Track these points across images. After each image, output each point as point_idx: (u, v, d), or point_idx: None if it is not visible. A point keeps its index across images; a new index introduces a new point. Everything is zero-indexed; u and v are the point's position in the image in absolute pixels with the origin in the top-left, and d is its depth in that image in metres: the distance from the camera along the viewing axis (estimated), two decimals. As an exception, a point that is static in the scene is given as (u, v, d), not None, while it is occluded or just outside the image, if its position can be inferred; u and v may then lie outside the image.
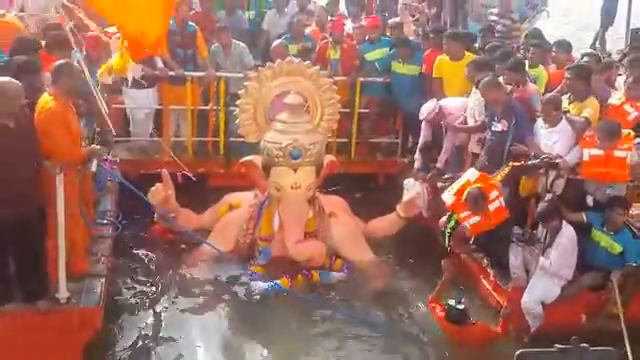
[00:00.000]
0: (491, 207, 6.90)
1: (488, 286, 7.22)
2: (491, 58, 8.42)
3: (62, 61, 6.23)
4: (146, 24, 6.62)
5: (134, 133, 9.64)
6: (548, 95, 7.28)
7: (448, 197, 7.16)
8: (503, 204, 6.92)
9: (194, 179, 8.94)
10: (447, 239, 7.24)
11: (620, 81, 8.35)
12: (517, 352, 3.61)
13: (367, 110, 9.82)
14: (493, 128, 7.29)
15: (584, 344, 3.53)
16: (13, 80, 5.74)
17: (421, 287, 7.57)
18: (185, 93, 9.28)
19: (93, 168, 6.48)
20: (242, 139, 8.13)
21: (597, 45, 15.21)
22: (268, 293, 7.27)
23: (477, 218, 6.96)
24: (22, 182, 5.72)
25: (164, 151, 9.43)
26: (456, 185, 7.17)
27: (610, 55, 14.91)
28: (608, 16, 15.11)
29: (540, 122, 7.15)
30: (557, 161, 6.75)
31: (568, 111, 7.15)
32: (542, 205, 6.63)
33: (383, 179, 10.18)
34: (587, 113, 7.06)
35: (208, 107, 9.57)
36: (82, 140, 6.60)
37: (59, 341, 6.08)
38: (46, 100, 5.96)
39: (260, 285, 7.33)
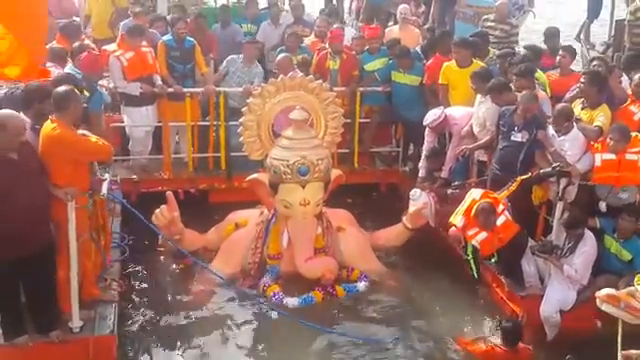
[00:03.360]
0: (498, 221, 6.90)
1: (502, 295, 7.18)
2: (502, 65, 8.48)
3: (65, 88, 6.13)
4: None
5: (134, 151, 9.53)
6: (559, 106, 7.24)
7: (458, 220, 7.12)
8: (510, 217, 6.91)
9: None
10: (474, 266, 7.19)
11: (625, 82, 8.36)
12: None
13: (368, 120, 9.77)
14: (512, 138, 7.24)
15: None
16: (15, 114, 5.66)
17: (433, 298, 7.54)
18: (184, 109, 9.19)
19: (104, 191, 6.41)
20: (243, 154, 8.04)
21: (582, 36, 15.22)
22: (301, 307, 7.20)
23: (484, 234, 6.93)
24: (31, 215, 5.63)
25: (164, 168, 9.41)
26: (462, 207, 7.14)
27: (594, 46, 15.00)
28: (596, 7, 15.12)
29: (552, 129, 7.13)
30: (568, 169, 6.74)
31: (580, 119, 7.12)
32: (570, 215, 6.62)
33: (385, 188, 10.14)
34: (600, 122, 7.04)
35: (208, 123, 9.47)
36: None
37: (73, 371, 6.02)
38: (50, 127, 5.85)
39: (292, 301, 7.24)
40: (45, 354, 5.93)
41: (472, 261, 7.27)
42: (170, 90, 9.12)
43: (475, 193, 7.18)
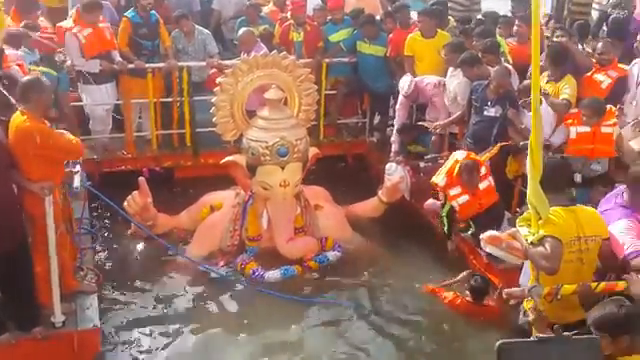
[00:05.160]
0: (481, 185, 6.98)
1: (480, 267, 7.28)
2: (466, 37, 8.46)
3: (30, 77, 5.82)
4: None
5: (94, 131, 9.20)
6: (525, 82, 7.26)
7: (440, 179, 7.18)
8: (492, 184, 6.99)
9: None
10: (446, 225, 7.28)
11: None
12: (497, 343, 3.66)
13: (334, 91, 9.68)
14: (485, 113, 7.29)
15: (566, 333, 3.59)
16: None
17: (409, 269, 7.60)
18: (146, 85, 8.91)
19: (77, 184, 6.20)
20: (209, 129, 7.91)
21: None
22: (284, 278, 7.21)
23: (466, 197, 7.01)
24: (1, 211, 5.39)
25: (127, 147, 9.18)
26: (445, 167, 7.20)
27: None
28: None
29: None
30: (547, 143, 6.82)
31: (548, 93, 7.19)
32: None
33: (352, 159, 10.14)
34: (566, 94, 7.12)
35: (171, 99, 9.22)
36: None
37: (59, 367, 5.86)
38: (20, 120, 5.55)
39: (273, 274, 7.21)
40: (29, 351, 5.73)
41: (445, 219, 7.37)
42: (131, 66, 8.82)
43: (458, 154, 7.22)
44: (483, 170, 7.01)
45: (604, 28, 12.26)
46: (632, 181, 4.82)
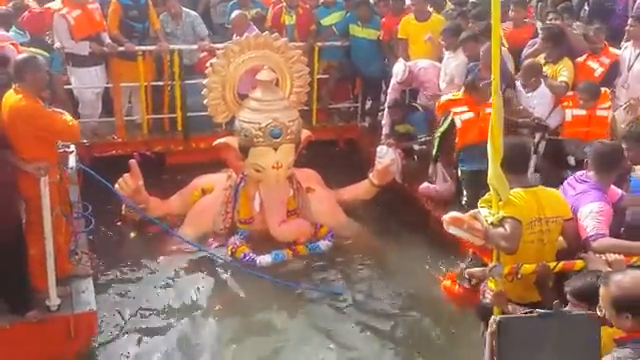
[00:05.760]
0: (487, 109, 6.93)
1: (474, 249, 7.23)
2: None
3: (26, 55, 5.72)
4: None
5: (83, 114, 9.06)
6: (527, 62, 7.32)
7: (445, 97, 7.29)
8: None
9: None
10: (435, 147, 7.32)
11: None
12: (498, 318, 3.67)
13: (326, 76, 9.64)
14: None
15: (566, 308, 3.63)
16: None
17: (402, 253, 7.60)
18: (137, 68, 8.80)
19: (72, 164, 6.13)
20: (200, 114, 7.85)
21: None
22: (276, 263, 7.19)
23: (471, 114, 6.98)
24: None
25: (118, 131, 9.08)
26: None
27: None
28: None
29: (519, 84, 7.20)
30: (544, 124, 6.85)
31: (547, 75, 7.21)
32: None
33: (343, 144, 10.11)
34: (564, 77, 7.17)
35: (162, 82, 9.14)
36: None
37: (54, 351, 5.76)
38: (15, 99, 5.46)
39: (264, 258, 7.19)
40: (24, 335, 5.65)
41: (438, 140, 7.40)
42: (121, 49, 8.72)
43: None
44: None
45: (585, 8, 12.35)
46: (594, 159, 4.85)
